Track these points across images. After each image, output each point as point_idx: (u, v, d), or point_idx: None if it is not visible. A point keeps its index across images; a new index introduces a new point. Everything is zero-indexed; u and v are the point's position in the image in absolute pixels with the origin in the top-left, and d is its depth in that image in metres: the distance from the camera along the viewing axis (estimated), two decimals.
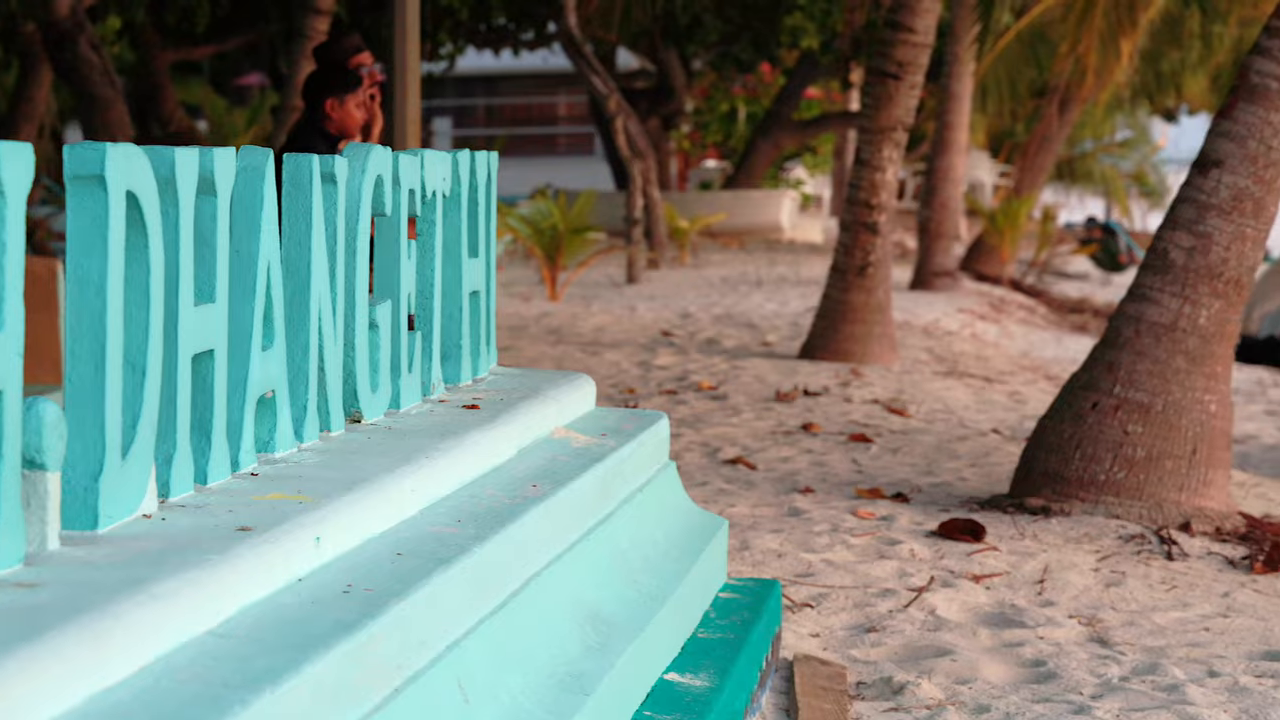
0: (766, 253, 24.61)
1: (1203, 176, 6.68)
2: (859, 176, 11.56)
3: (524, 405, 3.83)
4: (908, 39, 11.26)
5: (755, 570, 5.61)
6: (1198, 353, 6.65)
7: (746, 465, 7.58)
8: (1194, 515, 6.48)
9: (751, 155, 29.59)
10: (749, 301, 16.33)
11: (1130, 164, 45.84)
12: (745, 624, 4.10)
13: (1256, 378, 13.71)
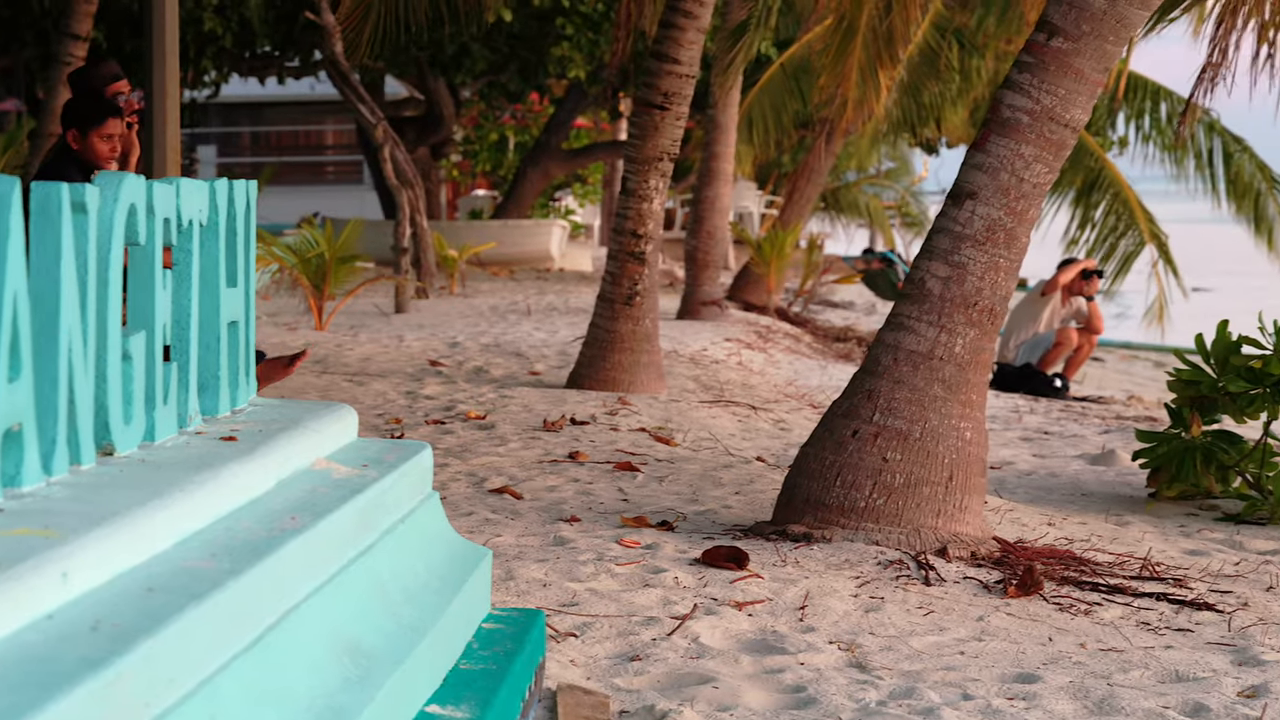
0: (536, 282, 24.64)
1: (957, 208, 6.84)
2: (625, 206, 11.63)
3: (283, 437, 3.79)
4: (673, 70, 11.36)
5: (520, 600, 5.60)
6: (954, 380, 6.80)
7: (513, 495, 7.58)
8: (951, 540, 6.62)
9: (521, 184, 29.62)
10: (518, 330, 16.33)
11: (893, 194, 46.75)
12: (508, 654, 4.09)
13: (1013, 405, 14.04)
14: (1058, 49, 6.70)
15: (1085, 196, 21.21)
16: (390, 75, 28.09)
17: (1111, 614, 6.00)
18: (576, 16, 22.56)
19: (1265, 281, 28.07)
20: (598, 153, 31.51)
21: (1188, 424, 8.67)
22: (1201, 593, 6.40)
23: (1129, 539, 7.48)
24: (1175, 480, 8.69)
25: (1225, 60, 7.83)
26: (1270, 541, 7.60)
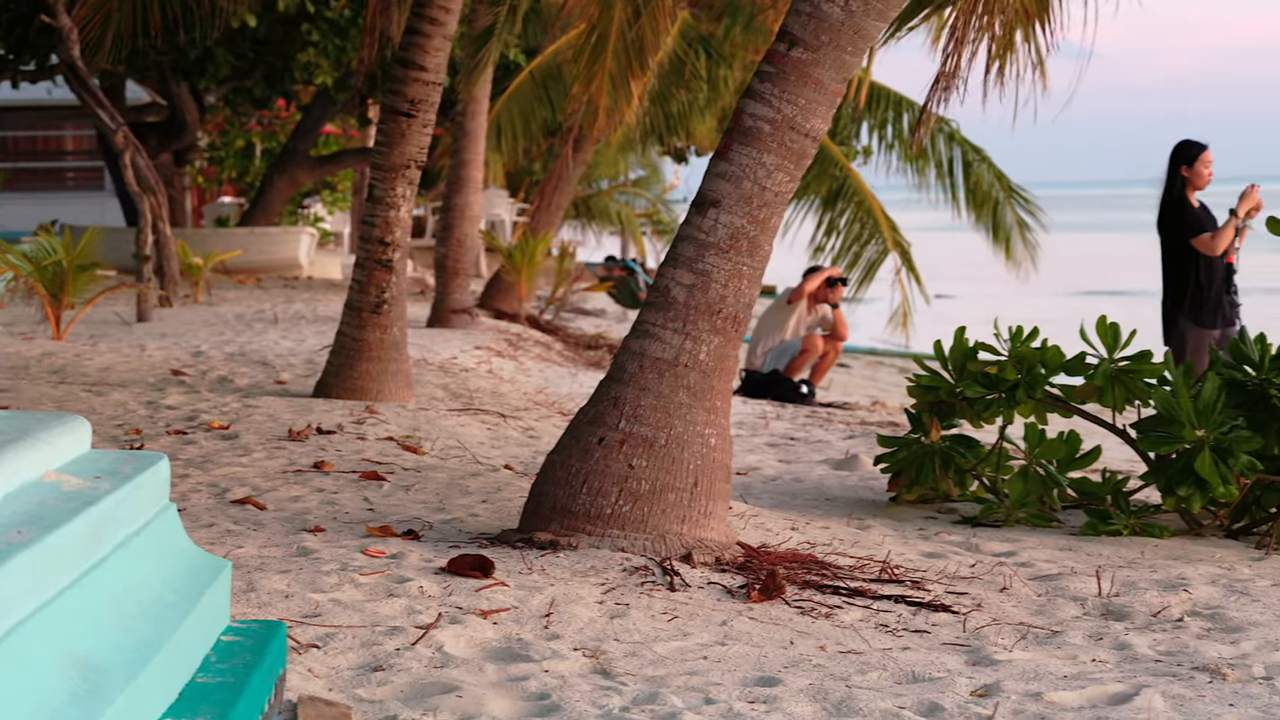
0: (284, 290, 24.33)
1: (701, 216, 6.90)
2: (373, 214, 11.54)
3: (10, 450, 3.67)
4: (419, 77, 11.31)
5: (261, 612, 5.52)
6: (699, 387, 6.85)
7: (255, 505, 7.46)
8: (695, 546, 6.67)
9: (268, 191, 29.23)
10: (264, 339, 16.11)
11: (644, 203, 47.08)
12: (247, 667, 4.02)
13: (760, 411, 14.21)
14: (798, 59, 6.80)
15: (830, 205, 21.58)
16: (131, 80, 27.52)
17: (851, 616, 6.10)
18: (323, 23, 22.33)
19: (1003, 288, 28.83)
20: (346, 160, 31.24)
21: (927, 429, 8.85)
22: (938, 594, 6.54)
23: (870, 542, 7.62)
24: (915, 484, 8.87)
25: (959, 71, 8.01)
26: (1005, 543, 7.79)
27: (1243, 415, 8.12)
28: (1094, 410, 8.76)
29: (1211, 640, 5.98)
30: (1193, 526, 8.26)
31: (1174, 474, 8.02)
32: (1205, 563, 7.42)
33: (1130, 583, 6.90)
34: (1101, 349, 8.55)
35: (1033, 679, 5.31)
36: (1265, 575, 7.17)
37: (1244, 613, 6.39)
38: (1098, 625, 6.21)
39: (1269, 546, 7.86)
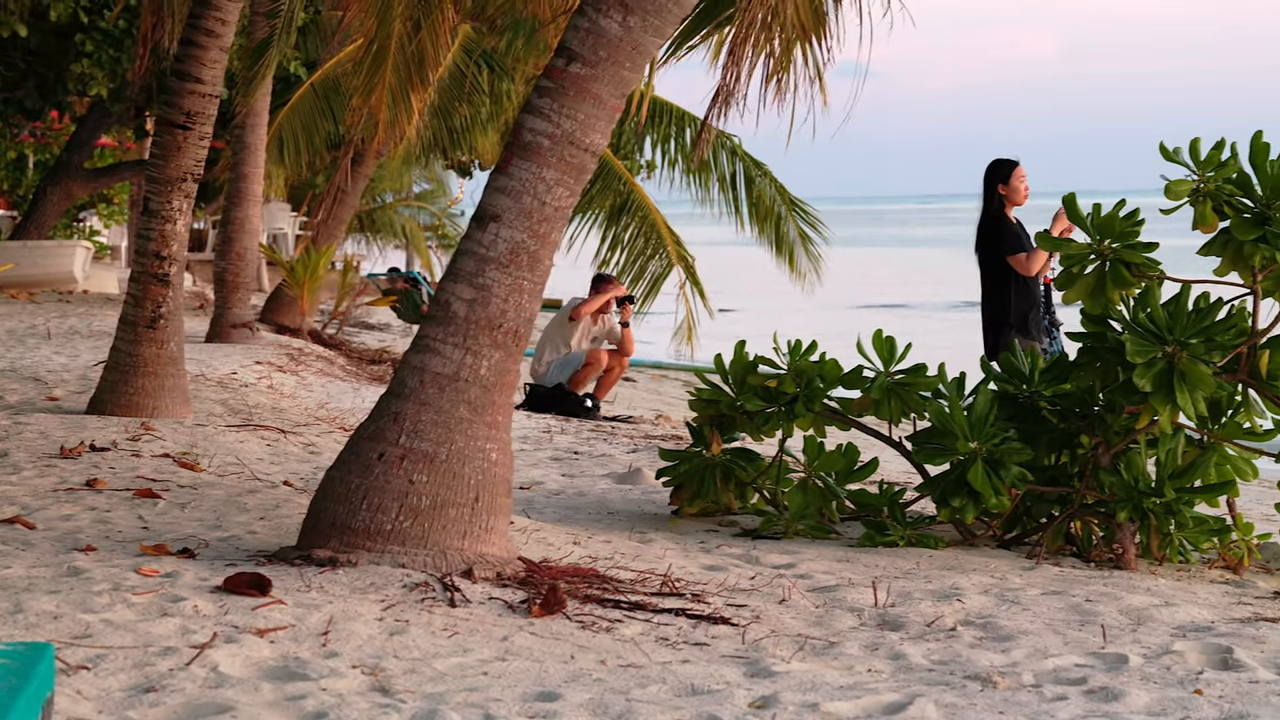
0: (58, 304, 23.78)
1: (481, 230, 6.88)
2: (148, 227, 11.34)
3: None
4: (195, 89, 11.14)
5: (29, 634, 5.38)
6: (480, 402, 6.83)
7: (24, 525, 7.28)
8: (476, 562, 6.65)
9: (41, 204, 28.57)
10: (36, 355, 15.74)
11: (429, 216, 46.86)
12: (12, 690, 3.92)
13: (544, 425, 14.21)
14: (576, 74, 6.81)
15: (615, 219, 21.65)
16: None
17: (632, 630, 6.12)
18: (97, 33, 21.89)
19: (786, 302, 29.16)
20: (123, 172, 30.65)
21: (708, 442, 8.91)
22: (718, 607, 6.58)
23: (651, 556, 7.64)
24: (697, 497, 8.92)
25: (738, 85, 8.09)
26: (785, 555, 7.87)
27: (1014, 427, 8.29)
28: (871, 423, 8.89)
29: (983, 649, 6.09)
30: (967, 537, 8.42)
31: (948, 485, 8.17)
32: (978, 572, 7.56)
33: (906, 593, 7.00)
34: (878, 362, 8.68)
35: (810, 690, 5.36)
36: (1035, 584, 7.32)
37: (1015, 621, 6.53)
38: (874, 636, 6.29)
39: (1039, 556, 8.03)
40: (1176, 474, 7.90)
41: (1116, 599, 6.97)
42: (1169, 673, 5.75)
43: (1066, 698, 5.39)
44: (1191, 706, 5.29)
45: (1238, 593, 7.43)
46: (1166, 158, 7.99)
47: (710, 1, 9.50)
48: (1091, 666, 5.84)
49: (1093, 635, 6.33)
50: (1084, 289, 8.13)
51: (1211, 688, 5.53)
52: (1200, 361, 7.74)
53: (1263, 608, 7.07)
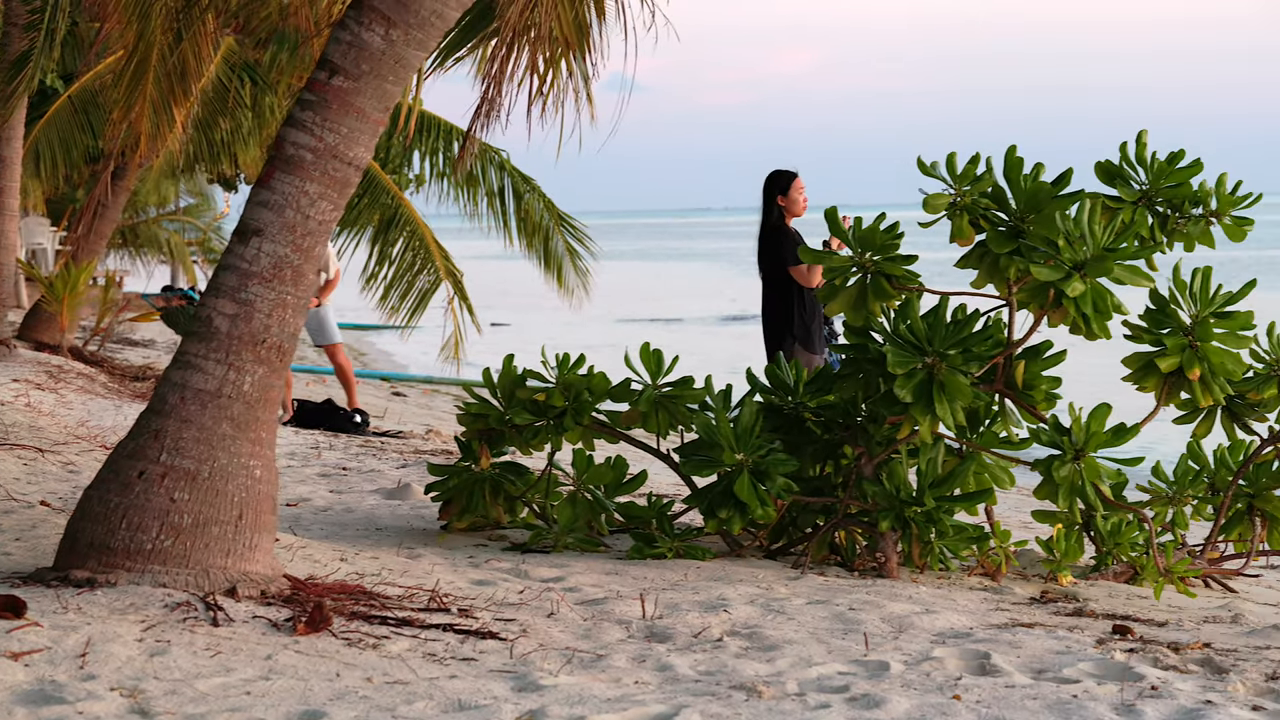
0: None
1: (244, 245, 6.78)
2: None
3: None
4: None
5: None
6: (243, 419, 6.73)
7: None
8: (240, 580, 6.55)
9: None
10: None
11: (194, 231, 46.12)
12: None
13: (313, 441, 14.05)
14: (339, 87, 6.76)
15: (383, 234, 21.48)
16: None
17: (399, 646, 6.07)
18: None
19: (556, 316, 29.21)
20: None
21: (477, 456, 8.89)
22: (486, 622, 6.56)
23: (420, 571, 7.59)
24: (466, 512, 8.89)
25: (501, 98, 8.08)
26: (554, 569, 7.87)
27: (780, 438, 8.39)
28: (640, 436, 8.93)
29: (749, 659, 6.15)
30: (734, 548, 8.50)
31: (715, 497, 8.24)
32: (745, 583, 7.64)
33: (673, 605, 7.05)
34: (646, 375, 8.72)
35: (577, 703, 5.37)
36: (801, 594, 7.41)
37: (780, 631, 6.60)
38: (641, 647, 6.32)
39: (805, 566, 8.14)
40: (936, 483, 8.05)
41: (879, 607, 7.09)
42: (929, 679, 5.85)
43: (829, 705, 5.46)
44: (950, 712, 5.40)
45: (995, 599, 7.60)
46: (924, 172, 8.15)
47: (476, 14, 9.47)
48: (854, 674, 5.93)
49: (855, 643, 6.43)
50: (846, 301, 8.26)
51: (970, 693, 5.64)
52: (958, 372, 7.90)
53: (1019, 613, 7.23)
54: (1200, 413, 8.32)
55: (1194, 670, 6.08)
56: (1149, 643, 6.59)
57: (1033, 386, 8.17)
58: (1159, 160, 8.41)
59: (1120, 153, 8.46)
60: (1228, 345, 8.05)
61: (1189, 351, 7.99)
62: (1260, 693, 5.78)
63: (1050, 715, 5.38)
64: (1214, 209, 8.41)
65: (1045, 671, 6.00)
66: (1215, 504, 8.60)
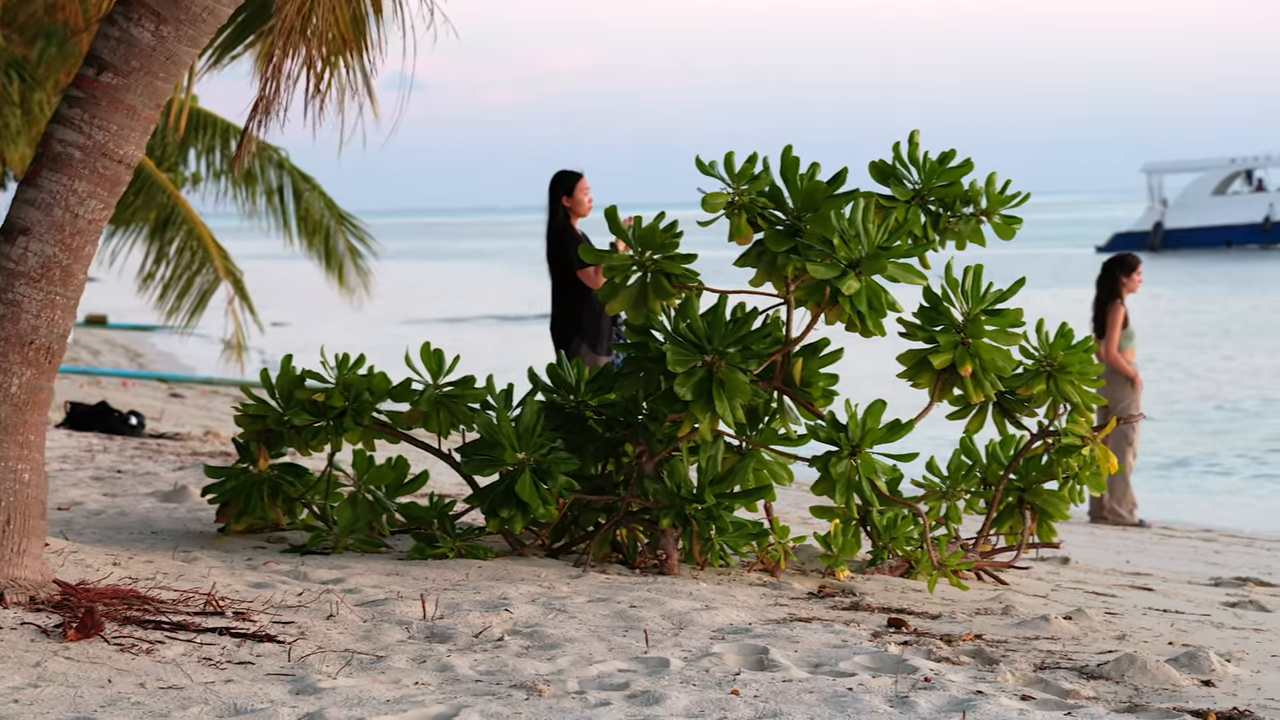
0: None
1: (10, 244, 6.62)
2: None
3: None
4: None
5: None
6: (10, 422, 6.58)
7: None
8: (8, 586, 6.39)
9: None
10: None
11: None
12: None
13: (86, 444, 13.77)
14: (108, 84, 6.62)
15: (160, 233, 21.11)
16: None
17: (174, 651, 5.97)
18: None
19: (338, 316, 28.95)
20: None
21: (255, 458, 8.77)
22: (264, 625, 6.48)
23: (196, 575, 7.48)
24: (244, 514, 8.77)
25: (279, 96, 7.99)
26: (334, 570, 7.80)
27: (561, 437, 8.40)
28: (422, 436, 8.88)
29: (530, 658, 6.15)
30: (516, 547, 8.49)
31: (497, 496, 8.22)
32: (527, 582, 7.64)
33: (455, 605, 7.02)
34: (426, 375, 8.68)
35: (355, 705, 5.33)
36: (582, 592, 7.43)
37: (561, 629, 6.61)
38: (422, 648, 6.29)
39: (587, 564, 8.16)
40: (716, 480, 8.12)
41: (660, 604, 7.13)
42: (708, 674, 5.90)
43: (610, 703, 5.49)
44: (729, 707, 5.45)
45: (774, 594, 7.69)
46: (702, 171, 8.21)
47: (253, 10, 9.35)
48: (634, 671, 5.96)
49: (636, 641, 6.46)
50: (626, 300, 8.29)
51: (748, 688, 5.70)
52: (738, 370, 7.97)
53: (797, 608, 7.32)
54: (972, 408, 8.48)
55: (965, 661, 6.21)
56: (923, 635, 6.71)
57: (810, 384, 8.27)
58: (931, 160, 8.56)
59: (894, 152, 8.59)
60: (998, 342, 8.22)
61: (961, 348, 8.14)
62: (1029, 682, 5.93)
63: (826, 708, 5.46)
64: (984, 208, 8.60)
65: (822, 665, 6.09)
66: (987, 498, 8.78)
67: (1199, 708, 5.61)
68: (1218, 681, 6.05)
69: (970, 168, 8.57)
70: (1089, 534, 12.57)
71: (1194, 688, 5.93)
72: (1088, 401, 8.55)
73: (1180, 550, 12.07)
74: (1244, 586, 9.63)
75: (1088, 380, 8.52)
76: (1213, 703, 5.71)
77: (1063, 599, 8.22)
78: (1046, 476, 8.72)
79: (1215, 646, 6.77)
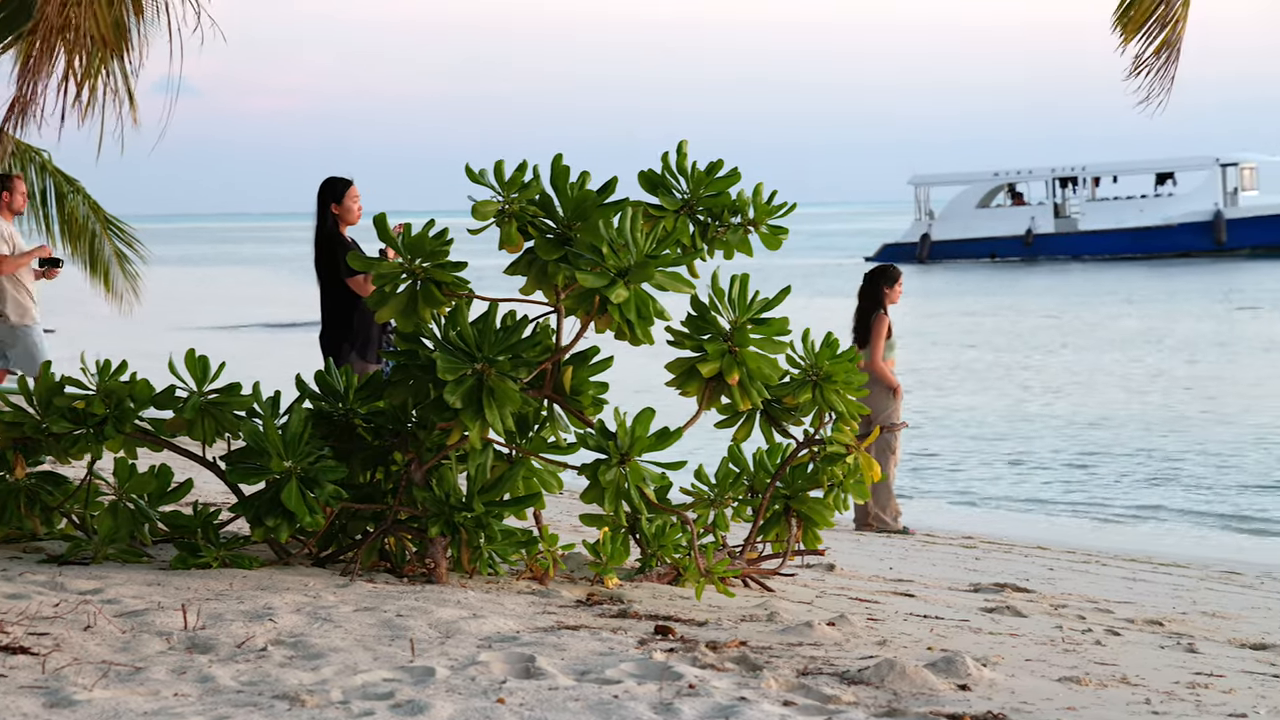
0: None
1: None
2: None
3: None
4: None
5: None
6: None
7: None
8: None
9: None
10: None
11: None
12: None
13: None
14: None
15: None
16: None
17: None
18: None
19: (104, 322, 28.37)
20: None
21: (11, 466, 8.56)
22: (18, 637, 6.33)
23: None
24: (0, 523, 8.56)
25: (37, 96, 7.81)
26: (93, 580, 7.64)
27: (330, 445, 8.32)
28: (186, 443, 8.73)
29: (293, 668, 6.08)
30: (282, 556, 8.39)
31: (263, 505, 8.11)
32: (292, 591, 7.55)
33: (218, 615, 6.91)
34: (191, 382, 8.53)
35: (112, 717, 5.24)
36: (349, 601, 7.36)
37: (326, 639, 6.54)
38: (183, 659, 6.18)
39: (354, 573, 8.09)
40: (486, 488, 8.10)
41: (427, 613, 7.09)
42: (474, 683, 5.88)
43: (374, 712, 5.45)
44: (494, 715, 5.44)
45: (543, 602, 7.69)
46: (472, 179, 8.20)
47: (13, 10, 9.15)
48: (400, 680, 5.92)
49: (402, 650, 6.42)
50: (396, 307, 8.24)
51: (514, 696, 5.70)
52: (508, 378, 7.96)
53: (565, 616, 7.33)
54: (740, 416, 8.56)
55: (730, 668, 6.26)
56: (689, 642, 6.76)
57: (580, 392, 8.30)
58: (699, 170, 8.64)
59: (662, 162, 8.66)
60: (765, 350, 8.31)
61: (728, 357, 8.22)
62: (791, 688, 6.00)
63: (591, 716, 5.47)
64: (751, 218, 8.70)
65: (589, 673, 6.10)
66: (754, 505, 8.87)
67: (955, 711, 5.73)
68: (974, 685, 6.18)
69: (737, 178, 8.66)
70: (854, 541, 12.77)
71: (951, 692, 6.05)
72: (852, 410, 8.69)
73: (942, 557, 12.31)
74: (1002, 592, 9.86)
75: (852, 389, 8.66)
76: (968, 706, 5.83)
77: (827, 605, 8.34)
78: (812, 484, 8.84)
79: (972, 651, 6.91)
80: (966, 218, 79.73)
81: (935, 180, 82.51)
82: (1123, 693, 6.32)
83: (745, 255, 8.76)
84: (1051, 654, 7.25)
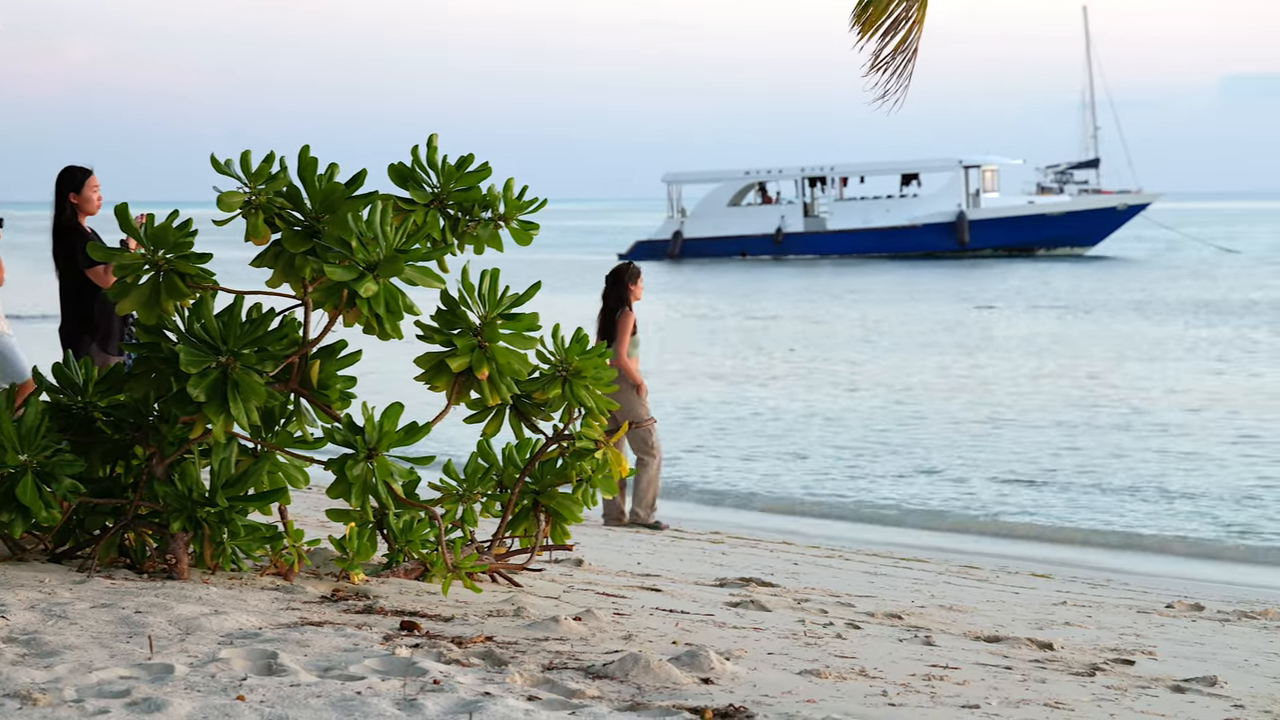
0: None
1: None
2: None
3: None
4: None
5: None
6: None
7: None
8: None
9: None
10: None
11: None
12: None
13: None
14: None
15: None
16: None
17: None
18: None
19: None
20: None
21: None
22: None
23: None
24: None
25: None
26: None
27: (67, 439, 8.12)
28: None
29: (26, 666, 5.93)
30: (16, 552, 8.17)
31: None
32: (26, 588, 7.36)
33: None
34: None
35: None
36: (86, 598, 7.20)
37: (61, 636, 6.39)
38: None
39: (92, 569, 7.91)
40: (230, 483, 7.98)
41: (167, 609, 6.97)
42: (214, 680, 5.79)
43: (109, 711, 5.34)
44: (233, 713, 5.36)
45: (287, 598, 7.60)
46: (218, 169, 8.06)
47: None
48: (137, 678, 5.81)
49: (140, 647, 6.30)
50: (138, 299, 8.07)
51: (254, 693, 5.62)
52: (253, 371, 7.85)
53: (309, 612, 7.26)
54: (490, 411, 8.54)
55: (475, 663, 6.25)
56: (434, 638, 6.74)
57: (328, 386, 8.21)
58: (449, 164, 8.60)
59: (412, 156, 8.60)
60: (515, 346, 8.30)
61: (478, 352, 8.19)
62: (536, 683, 6.01)
63: (333, 712, 5.43)
64: (502, 213, 8.69)
65: (332, 669, 6.05)
66: (503, 500, 8.86)
67: (697, 705, 5.78)
68: (717, 679, 6.24)
69: (488, 173, 8.64)
70: (603, 536, 12.84)
71: (694, 685, 6.11)
72: (601, 406, 8.72)
73: (690, 551, 12.43)
74: (747, 586, 9.98)
75: (601, 385, 8.69)
76: (711, 700, 5.90)
77: (574, 600, 8.37)
78: (561, 479, 8.85)
79: (716, 645, 6.99)
80: (718, 216, 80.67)
81: (688, 178, 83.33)
82: (861, 685, 6.44)
83: (496, 250, 8.75)
84: (793, 647, 7.36)
